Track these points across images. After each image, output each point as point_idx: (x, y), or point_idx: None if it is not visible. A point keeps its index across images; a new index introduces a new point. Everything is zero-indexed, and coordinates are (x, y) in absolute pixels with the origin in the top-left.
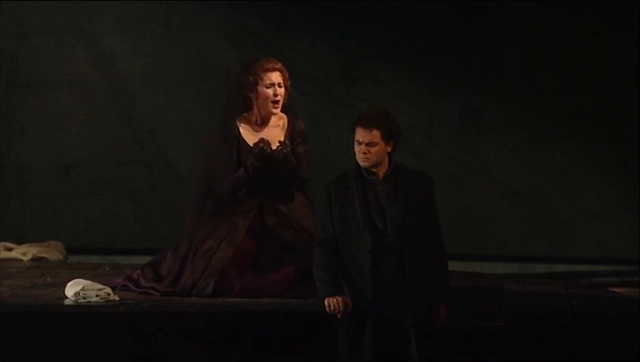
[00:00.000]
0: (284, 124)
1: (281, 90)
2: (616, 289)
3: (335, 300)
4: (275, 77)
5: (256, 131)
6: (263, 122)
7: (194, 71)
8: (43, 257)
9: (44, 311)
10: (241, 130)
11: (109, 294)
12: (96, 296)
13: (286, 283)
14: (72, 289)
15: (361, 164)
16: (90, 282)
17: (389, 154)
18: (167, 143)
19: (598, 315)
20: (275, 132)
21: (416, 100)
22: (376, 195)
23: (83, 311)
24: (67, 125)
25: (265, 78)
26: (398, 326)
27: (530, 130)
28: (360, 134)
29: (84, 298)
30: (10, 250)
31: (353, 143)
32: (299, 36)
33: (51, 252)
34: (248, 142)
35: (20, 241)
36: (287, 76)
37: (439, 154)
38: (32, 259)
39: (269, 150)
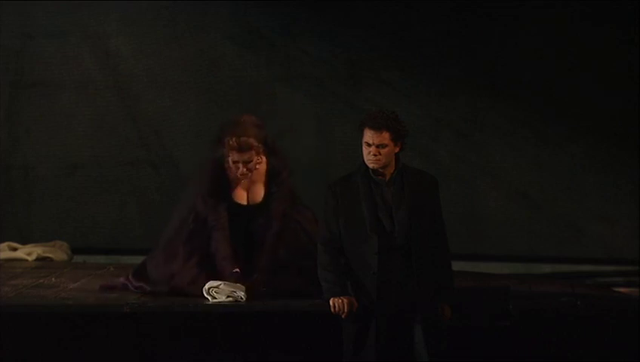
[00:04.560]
0: (263, 168)
1: (250, 166)
2: (621, 290)
3: (340, 300)
4: (239, 156)
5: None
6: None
7: (199, 71)
8: (48, 257)
9: (49, 311)
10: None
11: (241, 298)
12: (227, 296)
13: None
14: (208, 284)
15: (371, 165)
16: (229, 283)
17: (397, 155)
18: (173, 143)
19: (602, 316)
20: (257, 176)
21: (422, 101)
22: (383, 196)
23: (88, 311)
24: (73, 125)
25: (230, 154)
26: (402, 327)
27: (536, 131)
28: (369, 136)
29: (213, 297)
30: (15, 249)
31: (362, 145)
32: (304, 36)
33: (56, 252)
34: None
35: (25, 241)
36: (257, 145)
37: (445, 155)
38: (37, 259)
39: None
